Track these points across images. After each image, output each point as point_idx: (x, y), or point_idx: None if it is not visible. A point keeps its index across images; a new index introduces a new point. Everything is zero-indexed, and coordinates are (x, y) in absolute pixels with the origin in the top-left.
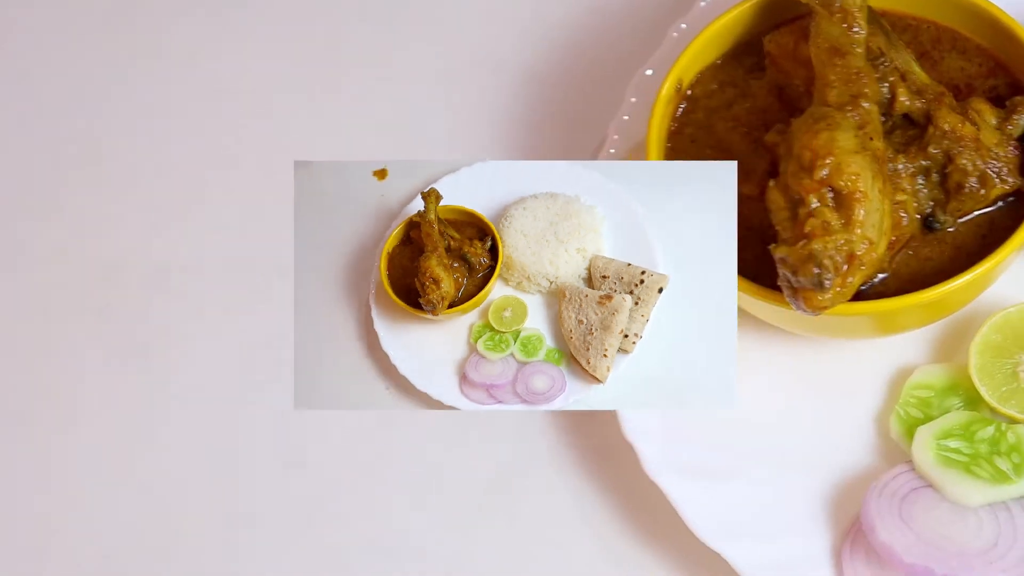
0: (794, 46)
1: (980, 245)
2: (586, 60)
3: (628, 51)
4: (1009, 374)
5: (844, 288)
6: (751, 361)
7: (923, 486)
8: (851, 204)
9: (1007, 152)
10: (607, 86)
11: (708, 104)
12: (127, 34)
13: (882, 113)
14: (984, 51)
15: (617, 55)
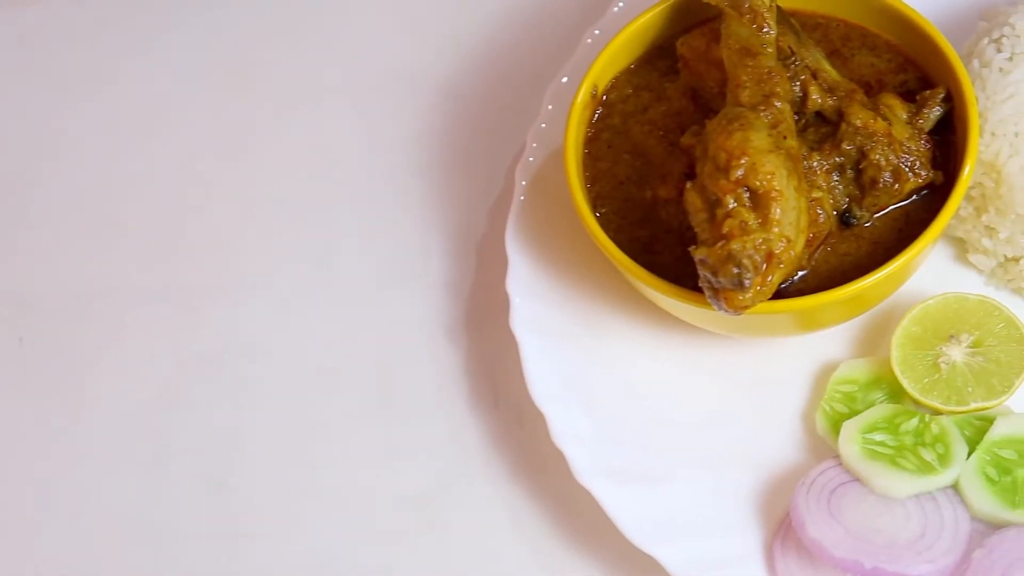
0: (706, 48)
1: (897, 239)
2: (503, 69)
3: (544, 59)
4: (930, 366)
5: (764, 287)
6: (678, 363)
7: (850, 480)
8: (767, 203)
9: (919, 146)
10: (525, 94)
11: (624, 109)
12: (35, 69)
13: (795, 111)
14: (893, 47)
15: (533, 63)
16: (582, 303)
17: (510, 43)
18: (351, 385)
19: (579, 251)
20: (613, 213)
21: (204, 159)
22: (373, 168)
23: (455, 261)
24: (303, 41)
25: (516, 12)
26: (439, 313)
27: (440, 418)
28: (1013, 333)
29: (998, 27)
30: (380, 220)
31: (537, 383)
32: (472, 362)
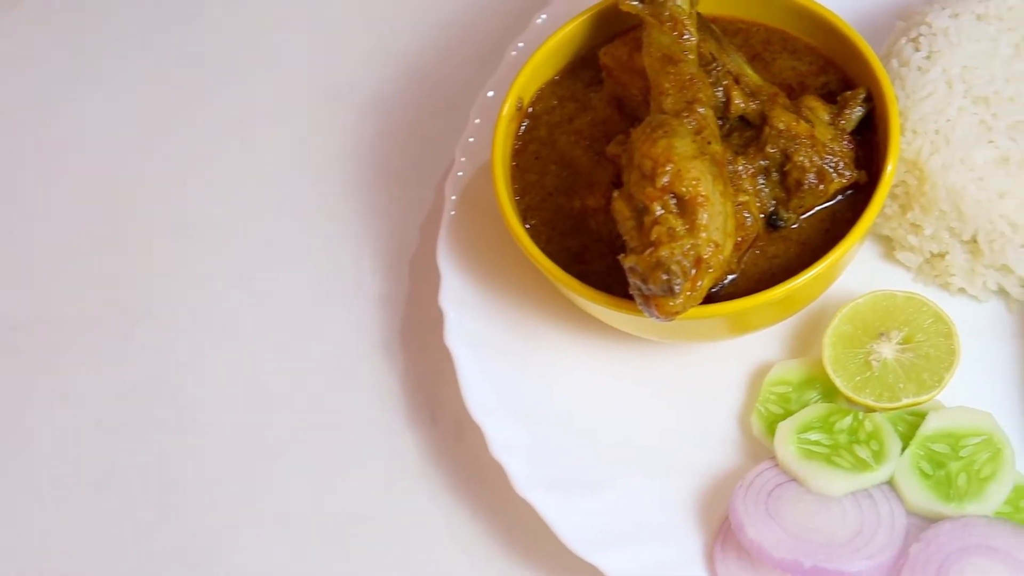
0: (628, 57)
1: (824, 239)
2: (430, 85)
3: (471, 73)
4: (862, 363)
5: (694, 292)
6: (613, 371)
7: (787, 481)
8: (694, 209)
9: (842, 146)
10: (453, 109)
11: (550, 120)
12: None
13: (718, 117)
14: (814, 50)
15: (460, 77)
16: (516, 315)
17: (436, 58)
18: (289, 404)
19: (512, 263)
20: (543, 224)
21: (136, 185)
22: (303, 187)
23: (388, 277)
24: (232, 64)
25: (441, 27)
26: (374, 330)
27: (378, 434)
28: (941, 328)
29: (915, 26)
30: (312, 239)
31: (473, 396)
32: (409, 377)
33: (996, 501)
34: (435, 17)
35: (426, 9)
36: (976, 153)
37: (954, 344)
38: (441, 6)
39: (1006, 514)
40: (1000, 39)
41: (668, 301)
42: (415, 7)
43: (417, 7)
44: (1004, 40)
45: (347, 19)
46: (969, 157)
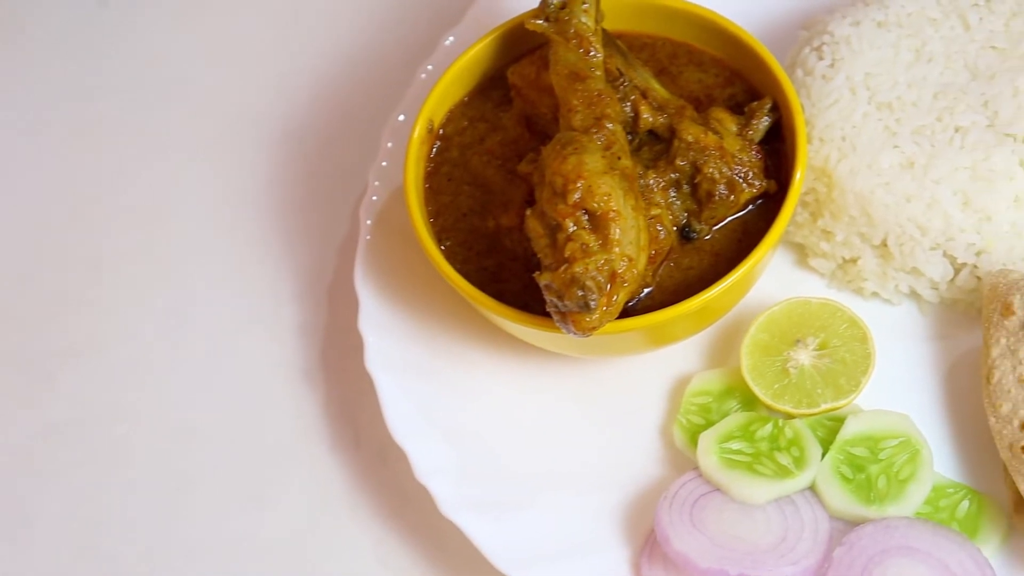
0: (536, 75)
1: (737, 249)
2: (341, 110)
3: (381, 97)
4: (779, 371)
5: (610, 307)
6: (535, 388)
7: (711, 490)
8: (606, 224)
9: (751, 156)
10: (365, 134)
11: (461, 141)
12: None
13: (627, 131)
14: (719, 62)
15: (371, 102)
16: (437, 337)
17: (347, 83)
18: (212, 436)
19: (429, 285)
20: (458, 245)
21: (51, 219)
22: (218, 217)
23: (307, 304)
24: (142, 96)
25: (350, 52)
26: (295, 357)
27: (303, 462)
28: (856, 332)
29: (818, 35)
30: (229, 269)
31: (396, 420)
32: (331, 404)
33: (916, 502)
34: (344, 42)
35: (334, 34)
36: (882, 158)
37: (869, 348)
38: (350, 31)
39: (926, 514)
40: (901, 45)
41: (584, 317)
42: (323, 33)
43: (325, 33)
44: (904, 46)
45: (255, 47)
46: (876, 162)
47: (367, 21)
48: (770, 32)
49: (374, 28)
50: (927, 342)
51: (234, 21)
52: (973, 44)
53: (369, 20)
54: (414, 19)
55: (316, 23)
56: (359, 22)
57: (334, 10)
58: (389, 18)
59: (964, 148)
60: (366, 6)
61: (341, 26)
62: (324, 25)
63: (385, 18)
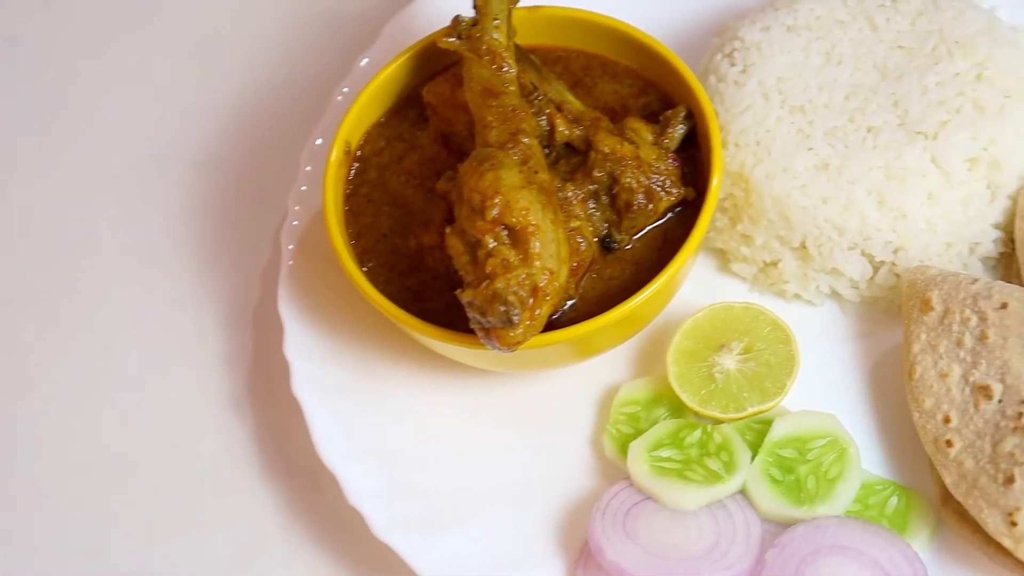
0: (451, 93)
1: (658, 258)
2: (259, 135)
3: (299, 121)
4: (706, 377)
5: (534, 321)
6: (465, 406)
7: (643, 499)
8: (526, 239)
9: (667, 165)
10: (284, 158)
11: (379, 162)
12: None
13: (544, 145)
14: (633, 72)
15: (289, 126)
16: (364, 359)
17: (264, 109)
18: (141, 470)
19: (354, 308)
20: (380, 266)
21: None
22: (137, 250)
23: (231, 332)
24: (57, 131)
25: (266, 78)
26: (222, 387)
27: (234, 492)
28: (779, 335)
29: (729, 42)
30: (151, 301)
31: (326, 444)
32: (261, 432)
33: (845, 500)
34: (259, 68)
35: (249, 61)
36: (797, 161)
37: (793, 350)
38: (264, 56)
39: (856, 512)
40: (811, 48)
41: (508, 332)
42: (237, 61)
43: (239, 60)
44: (815, 49)
45: (169, 78)
46: (791, 165)
47: (281, 46)
48: (683, 40)
49: (289, 52)
50: (850, 341)
51: (146, 53)
52: (881, 45)
53: (283, 45)
54: (329, 42)
55: (229, 51)
56: (273, 48)
57: (247, 37)
58: (303, 42)
59: (877, 148)
60: (280, 31)
61: (255, 52)
62: (238, 53)
63: (299, 42)
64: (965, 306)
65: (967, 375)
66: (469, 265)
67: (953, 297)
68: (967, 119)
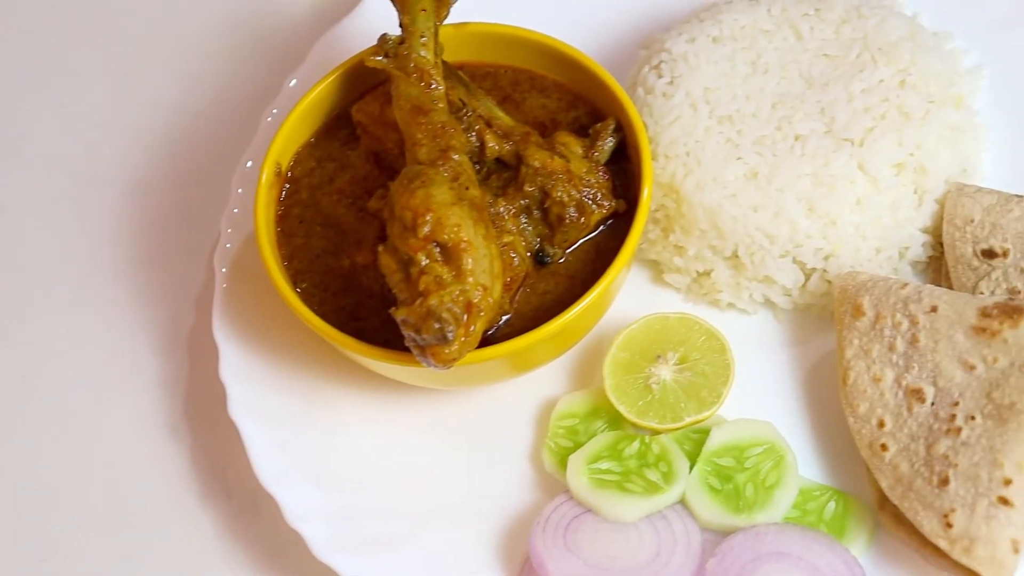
0: (380, 112)
1: (591, 271)
2: (190, 159)
3: (229, 143)
4: (642, 388)
5: (468, 337)
6: (404, 424)
7: (584, 512)
8: (458, 255)
9: (598, 178)
10: (215, 182)
11: (310, 182)
12: None
13: (475, 161)
14: (561, 86)
15: (220, 149)
16: (301, 380)
17: (194, 133)
18: (77, 499)
19: (290, 329)
20: (314, 287)
21: None
22: (70, 277)
23: (167, 358)
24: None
25: (196, 101)
26: (158, 413)
27: (174, 519)
28: (714, 344)
29: (656, 54)
30: (85, 328)
31: (264, 467)
32: (198, 457)
33: (784, 507)
34: (188, 91)
35: (178, 84)
36: (727, 171)
37: (728, 359)
38: (193, 79)
39: (794, 518)
40: (737, 58)
41: (443, 349)
42: (166, 84)
43: (168, 83)
44: (740, 59)
45: (98, 103)
46: (721, 175)
47: (210, 69)
48: (610, 53)
49: (218, 75)
50: (784, 348)
51: (75, 78)
52: (806, 53)
53: (212, 68)
54: (257, 63)
55: (158, 75)
56: (202, 71)
57: (176, 61)
58: (232, 64)
59: (805, 155)
60: (209, 54)
61: (184, 76)
62: (167, 77)
63: (228, 64)
64: (896, 310)
65: (900, 379)
66: (402, 283)
67: (884, 302)
68: (892, 125)
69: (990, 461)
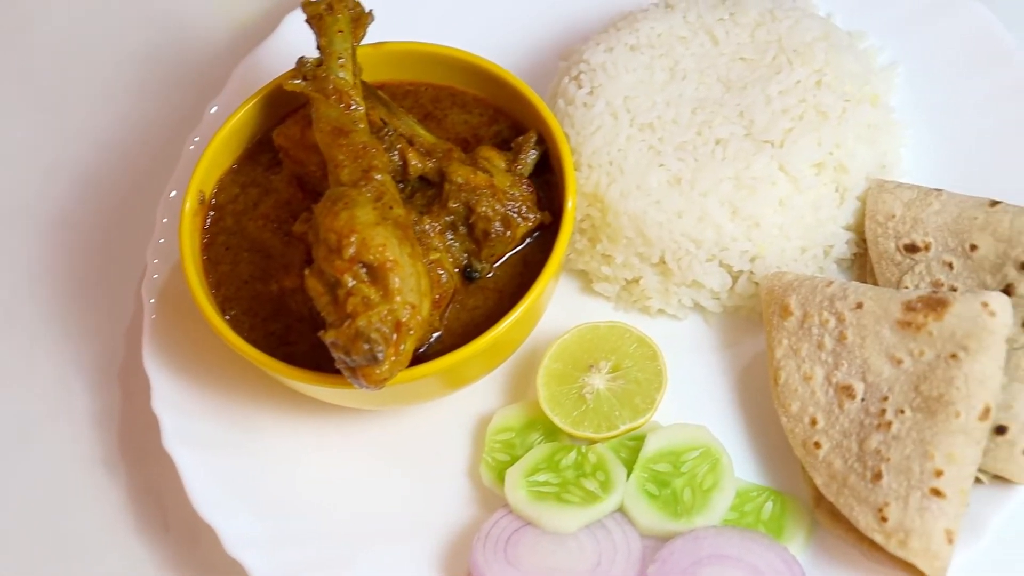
0: (301, 135)
1: (519, 284)
2: (113, 191)
3: (154, 174)
4: (576, 398)
5: (399, 356)
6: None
7: (523, 525)
8: (385, 275)
9: (522, 191)
10: (140, 213)
11: (235, 208)
12: None
13: (398, 180)
14: (482, 101)
15: (144, 180)
16: (235, 408)
17: (117, 164)
18: (15, 541)
19: (221, 356)
20: (243, 313)
21: None
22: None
23: (99, 392)
24: None
25: (118, 131)
26: (92, 448)
27: (112, 552)
28: (646, 351)
29: (575, 65)
30: (14, 365)
31: (201, 496)
32: (135, 489)
33: (722, 510)
34: (110, 122)
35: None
36: (650, 177)
37: (660, 365)
38: (115, 110)
39: (733, 520)
40: (654, 66)
41: (374, 369)
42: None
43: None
44: (658, 66)
45: (21, 134)
46: (644, 183)
47: (132, 99)
48: (530, 66)
49: (139, 105)
50: (715, 351)
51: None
52: (723, 57)
53: (134, 98)
54: (177, 91)
55: (79, 108)
56: (123, 101)
57: (96, 93)
58: (153, 93)
59: (726, 159)
60: (128, 85)
61: (106, 108)
62: (88, 109)
63: (149, 94)
64: (823, 308)
65: (829, 376)
66: (330, 305)
67: (810, 301)
68: (810, 125)
69: (921, 453)
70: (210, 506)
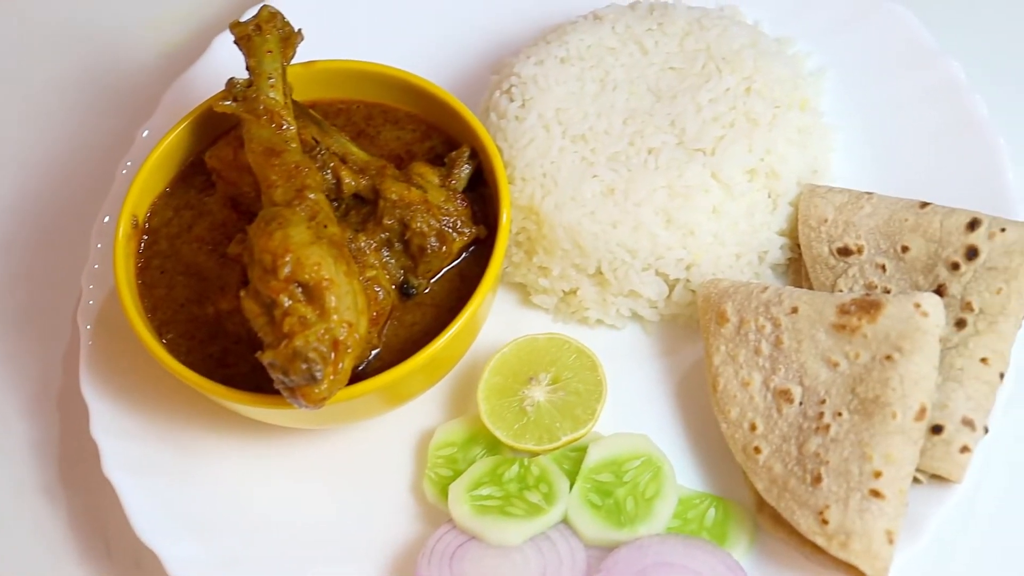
0: (234, 156)
1: (457, 298)
2: (48, 218)
3: (87, 199)
4: (517, 411)
5: (337, 375)
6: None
7: (468, 540)
8: (321, 294)
9: (456, 206)
10: (74, 239)
11: (169, 232)
12: None
13: (332, 198)
14: (415, 117)
15: (77, 205)
16: (175, 431)
17: (49, 190)
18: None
19: (159, 381)
20: (180, 336)
21: None
22: None
23: (37, 419)
24: None
25: (49, 158)
26: (31, 475)
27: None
28: (585, 362)
29: (506, 78)
30: None
31: (142, 521)
32: (76, 516)
33: (665, 517)
34: (41, 148)
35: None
36: (584, 189)
37: (600, 375)
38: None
39: (676, 528)
40: (585, 77)
41: (313, 389)
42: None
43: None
44: (589, 77)
45: None
46: (578, 194)
47: (62, 124)
48: (462, 80)
49: (70, 130)
50: (655, 360)
51: None
52: (653, 67)
53: (64, 123)
54: (108, 115)
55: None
56: (54, 127)
57: (26, 118)
58: (84, 119)
59: (659, 168)
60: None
61: (36, 134)
62: (17, 136)
63: (80, 119)
64: (759, 314)
65: (767, 381)
66: (267, 326)
67: (746, 307)
68: (741, 132)
69: (859, 455)
70: (152, 531)
